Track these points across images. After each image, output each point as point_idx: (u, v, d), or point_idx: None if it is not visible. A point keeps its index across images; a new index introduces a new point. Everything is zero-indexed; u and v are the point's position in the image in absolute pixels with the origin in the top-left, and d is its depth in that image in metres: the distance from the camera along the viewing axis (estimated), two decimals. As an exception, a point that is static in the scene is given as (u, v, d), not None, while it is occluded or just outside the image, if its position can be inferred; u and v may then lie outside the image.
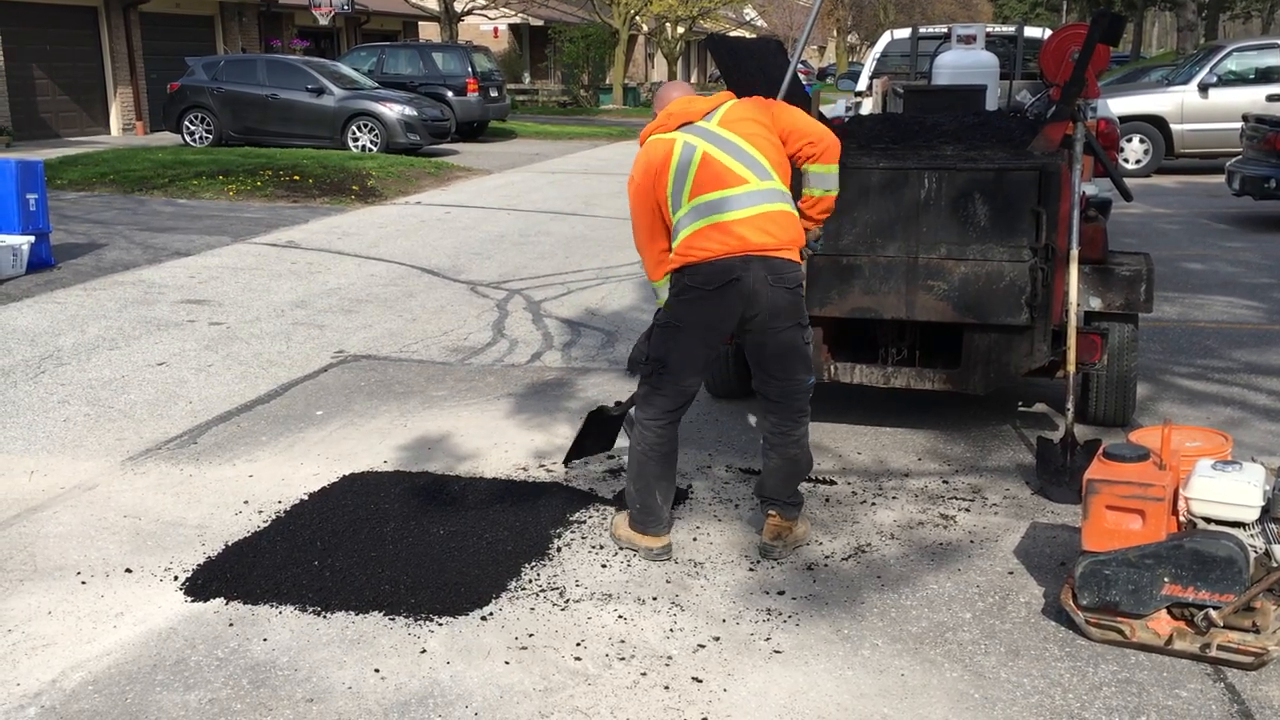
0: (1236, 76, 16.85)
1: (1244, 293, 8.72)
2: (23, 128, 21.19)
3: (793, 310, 3.95)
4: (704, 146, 3.90)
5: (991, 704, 3.19)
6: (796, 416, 4.09)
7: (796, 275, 3.96)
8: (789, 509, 4.17)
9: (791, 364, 4.02)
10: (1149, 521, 3.48)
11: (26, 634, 3.60)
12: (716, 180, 3.86)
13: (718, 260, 3.84)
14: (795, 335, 3.99)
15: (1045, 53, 6.75)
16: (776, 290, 3.88)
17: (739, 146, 3.89)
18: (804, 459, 4.17)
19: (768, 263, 3.85)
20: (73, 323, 7.83)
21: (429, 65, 24.33)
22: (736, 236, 3.83)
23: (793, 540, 4.17)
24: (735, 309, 3.89)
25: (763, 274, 3.84)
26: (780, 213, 3.90)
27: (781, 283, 3.88)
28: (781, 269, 3.88)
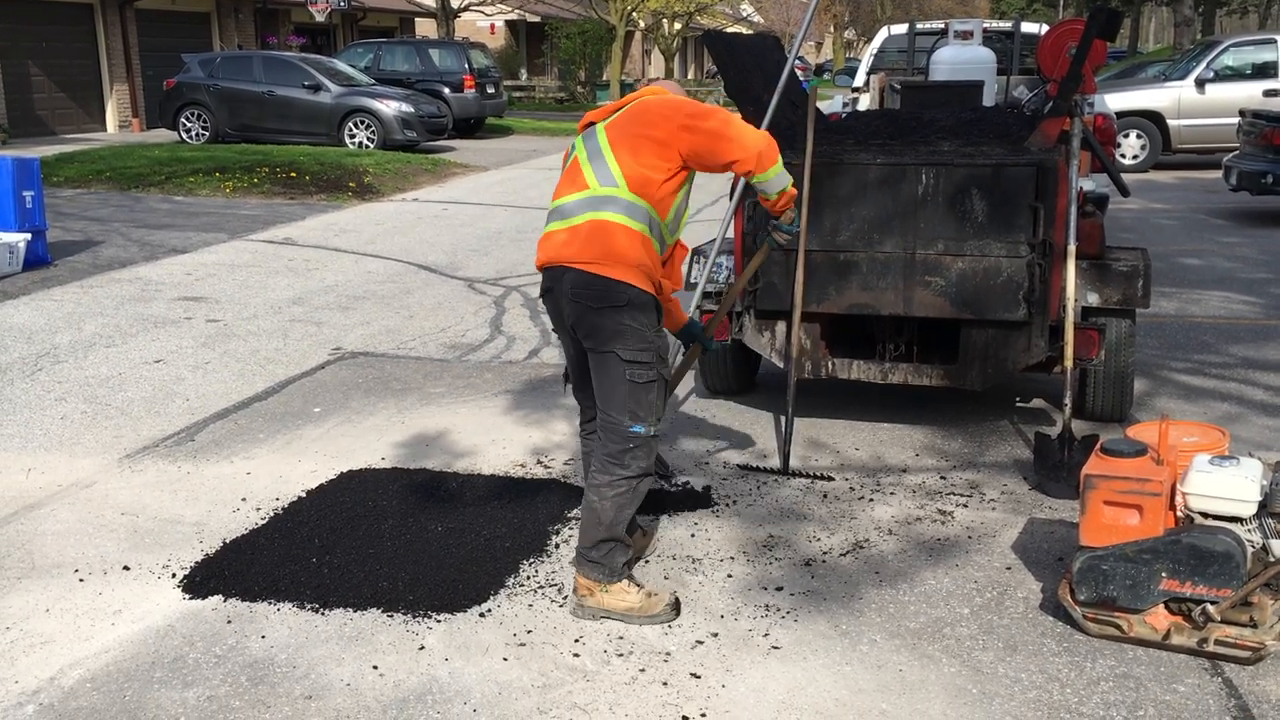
0: (1233, 72, 16.86)
1: (1241, 288, 8.73)
2: (19, 125, 21.16)
3: (606, 334, 3.50)
4: (579, 149, 3.66)
5: (989, 699, 3.20)
6: (607, 462, 3.59)
7: (606, 294, 3.46)
8: (585, 565, 3.63)
9: (607, 396, 3.57)
10: (1146, 517, 3.48)
11: (25, 632, 3.60)
12: (568, 184, 3.62)
13: (543, 268, 3.62)
14: (609, 363, 3.53)
15: (1042, 48, 6.77)
16: (578, 306, 3.51)
17: (601, 150, 3.57)
18: (602, 511, 3.58)
19: (573, 275, 3.50)
20: (69, 320, 7.82)
21: (426, 62, 24.31)
22: (555, 244, 3.57)
23: (595, 606, 3.60)
24: (559, 319, 3.65)
25: (567, 288, 3.51)
26: (602, 223, 3.48)
27: (583, 299, 3.48)
28: (586, 284, 3.47)
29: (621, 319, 3.47)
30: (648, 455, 3.61)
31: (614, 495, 3.59)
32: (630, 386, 3.51)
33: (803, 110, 5.17)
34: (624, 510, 3.61)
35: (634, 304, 3.49)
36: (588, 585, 3.63)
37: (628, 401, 3.53)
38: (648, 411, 3.56)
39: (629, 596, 3.61)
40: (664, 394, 3.67)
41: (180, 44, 24.17)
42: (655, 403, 3.58)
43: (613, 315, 3.47)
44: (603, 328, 3.49)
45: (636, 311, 3.49)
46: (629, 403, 3.53)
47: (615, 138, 3.56)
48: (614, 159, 3.53)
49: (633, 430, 3.54)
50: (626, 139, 3.54)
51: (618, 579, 3.63)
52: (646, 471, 3.64)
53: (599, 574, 3.61)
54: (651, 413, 3.57)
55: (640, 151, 3.52)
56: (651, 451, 3.64)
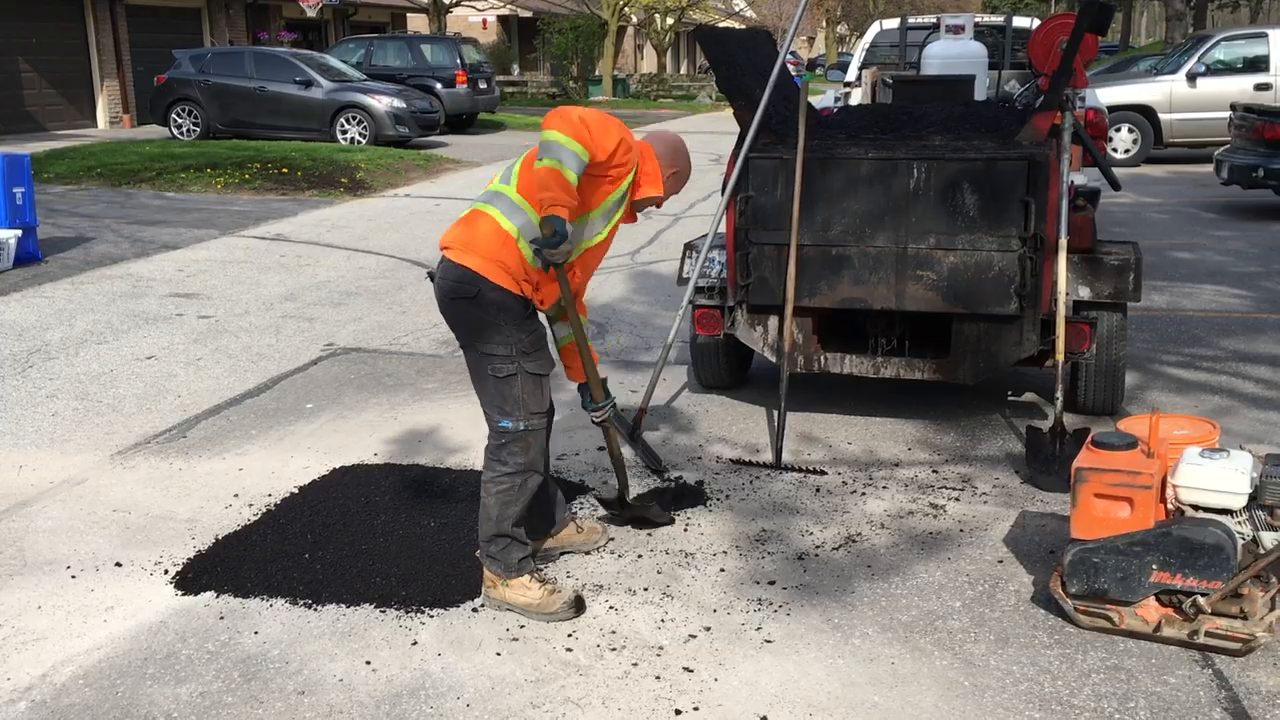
0: (1225, 66, 16.89)
1: (1232, 281, 8.75)
2: (9, 121, 21.08)
3: (460, 329, 3.55)
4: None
5: (981, 692, 3.21)
6: (489, 458, 3.62)
7: (460, 286, 3.45)
8: (485, 560, 3.67)
9: (479, 390, 3.61)
10: (1137, 509, 3.49)
11: (16, 628, 3.59)
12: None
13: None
14: (472, 357, 3.57)
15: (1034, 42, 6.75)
16: (440, 299, 3.54)
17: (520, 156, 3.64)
18: (486, 508, 3.61)
19: (441, 264, 3.54)
20: (60, 317, 7.80)
21: (417, 57, 24.24)
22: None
23: (498, 599, 3.64)
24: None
25: (438, 273, 3.55)
26: (473, 212, 3.57)
27: (443, 290, 3.51)
28: (445, 273, 3.50)
29: (475, 312, 3.46)
30: (525, 450, 3.57)
31: (496, 491, 3.58)
32: (494, 381, 3.52)
33: (795, 105, 5.18)
34: (509, 507, 3.59)
35: (485, 297, 3.44)
36: (490, 578, 3.67)
37: (494, 396, 3.54)
38: (514, 406, 3.53)
39: (529, 592, 3.61)
40: (538, 388, 3.59)
41: (171, 40, 24.09)
42: (521, 397, 3.53)
43: (467, 308, 3.47)
44: (462, 321, 3.51)
45: (490, 306, 3.45)
46: (495, 397, 3.54)
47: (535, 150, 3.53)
48: (518, 163, 3.58)
49: (501, 425, 3.54)
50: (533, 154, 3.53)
51: (516, 574, 3.63)
52: (527, 467, 3.59)
53: (499, 568, 3.64)
54: (519, 407, 3.53)
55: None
56: (529, 446, 3.58)
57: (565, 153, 3.37)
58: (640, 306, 8.17)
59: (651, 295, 8.48)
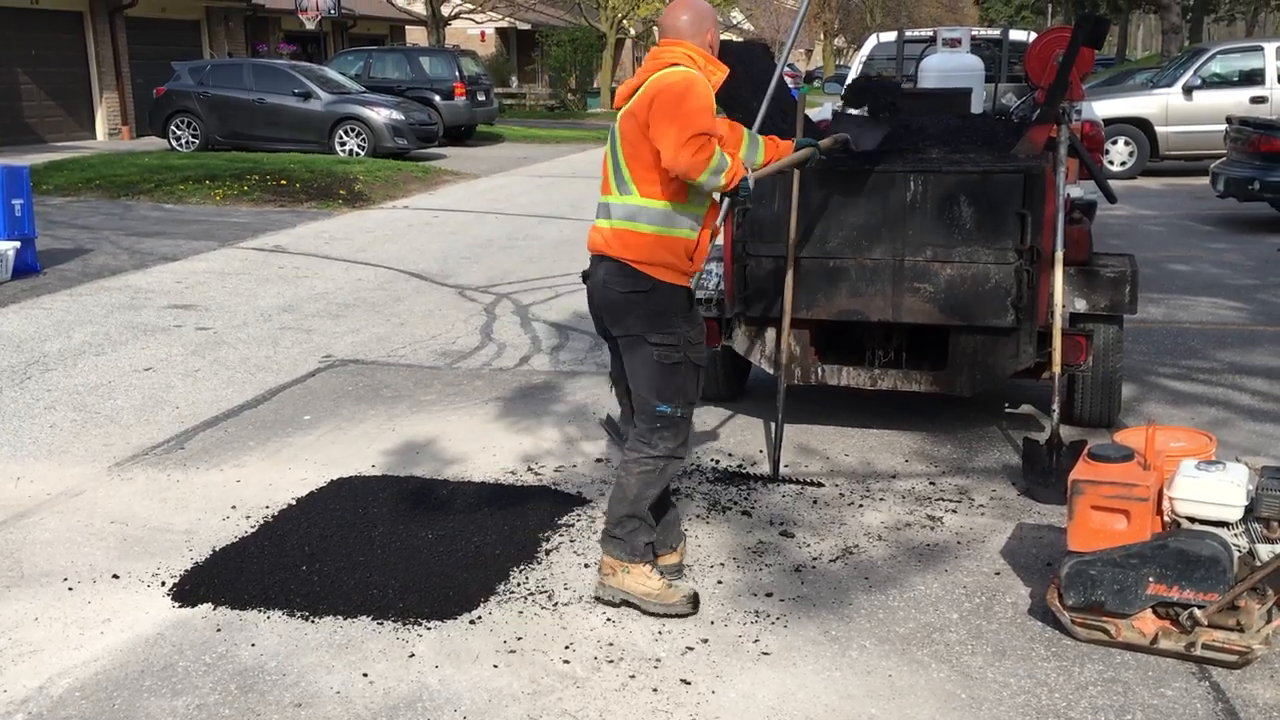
0: (1220, 79, 16.95)
1: (1228, 294, 8.77)
2: (8, 133, 21.09)
3: (628, 322, 3.68)
4: (608, 145, 3.77)
5: (978, 704, 3.21)
6: (636, 439, 3.77)
7: (632, 282, 3.64)
8: (609, 541, 3.79)
9: (637, 380, 3.75)
10: (1134, 521, 3.50)
11: (13, 640, 3.59)
12: (603, 184, 3.78)
13: (591, 253, 3.80)
14: (637, 348, 3.71)
15: (1030, 56, 6.78)
16: (609, 292, 3.69)
17: (616, 150, 3.70)
18: (627, 487, 3.74)
19: (605, 264, 3.69)
20: (59, 328, 7.80)
21: (416, 69, 24.30)
22: (594, 237, 3.75)
23: (615, 587, 3.75)
24: (593, 309, 3.82)
25: (600, 274, 3.71)
26: (625, 231, 3.65)
27: (613, 286, 3.67)
28: (616, 271, 3.66)
29: (635, 303, 3.65)
30: (674, 436, 3.73)
31: (640, 472, 3.72)
32: (659, 367, 3.67)
33: (792, 118, 5.19)
34: (649, 488, 3.73)
35: (659, 291, 3.65)
36: (611, 564, 3.76)
37: (655, 381, 3.69)
38: (675, 393, 3.70)
39: (649, 581, 3.72)
40: (697, 379, 3.80)
41: (170, 52, 24.11)
42: (683, 385, 3.71)
43: (634, 301, 3.64)
44: (632, 314, 3.66)
45: (661, 298, 3.65)
46: (656, 382, 3.69)
47: (625, 133, 3.65)
48: (625, 161, 3.65)
49: (660, 409, 3.69)
50: (625, 138, 3.64)
51: (640, 560, 3.74)
52: (672, 454, 3.75)
53: (622, 552, 3.73)
54: (679, 394, 3.71)
55: (636, 146, 3.60)
56: (679, 433, 3.75)
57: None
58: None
59: (649, 307, 8.47)
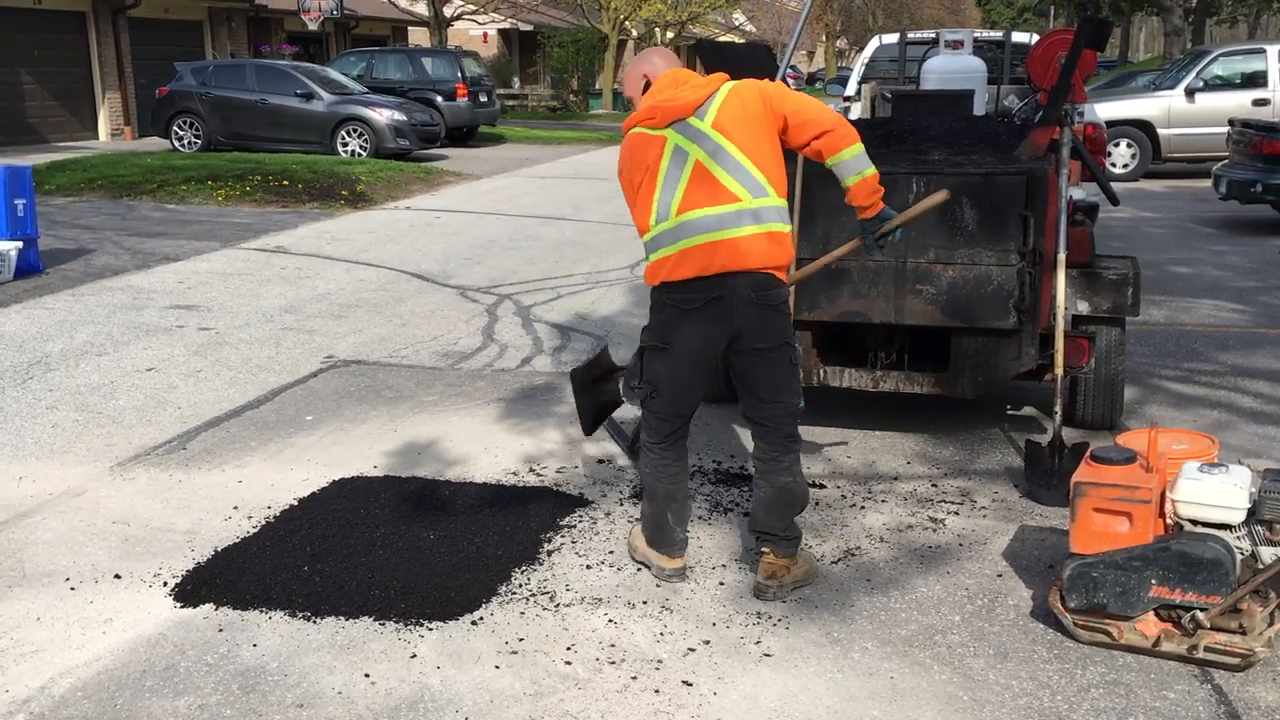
0: (1223, 81, 16.94)
1: (1230, 296, 8.76)
2: (11, 133, 21.11)
3: (779, 331, 3.76)
4: (696, 154, 3.66)
5: (980, 706, 3.20)
6: (786, 442, 3.86)
7: (781, 293, 3.76)
8: (784, 544, 3.86)
9: (779, 387, 3.81)
10: (1136, 524, 3.49)
11: (15, 640, 3.59)
12: (709, 196, 3.65)
13: (702, 278, 3.66)
14: (782, 356, 3.79)
15: (1032, 58, 6.78)
16: (761, 309, 3.69)
17: (733, 157, 3.65)
18: (798, 488, 3.88)
19: (752, 278, 3.66)
20: (61, 328, 7.81)
21: (418, 70, 24.31)
22: (723, 253, 3.63)
23: (790, 580, 3.86)
24: (720, 328, 3.71)
25: (747, 292, 3.66)
26: (770, 234, 3.68)
27: (765, 300, 3.69)
28: (765, 285, 3.69)
29: (784, 313, 3.80)
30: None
31: (800, 469, 3.91)
32: (794, 370, 3.85)
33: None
34: (803, 476, 3.97)
35: (786, 298, 3.84)
36: (784, 563, 3.86)
37: (793, 384, 3.87)
38: (800, 387, 3.95)
39: (801, 563, 3.93)
40: None
41: (173, 52, 24.13)
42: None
43: (783, 311, 3.79)
44: (781, 326, 3.77)
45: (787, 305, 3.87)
46: (796, 383, 3.89)
47: (742, 138, 3.66)
48: (753, 166, 3.67)
49: (799, 405, 3.90)
50: (745, 143, 3.67)
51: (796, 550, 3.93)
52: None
53: (793, 549, 3.89)
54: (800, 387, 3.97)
55: (761, 149, 3.68)
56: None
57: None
58: (639, 319, 8.17)
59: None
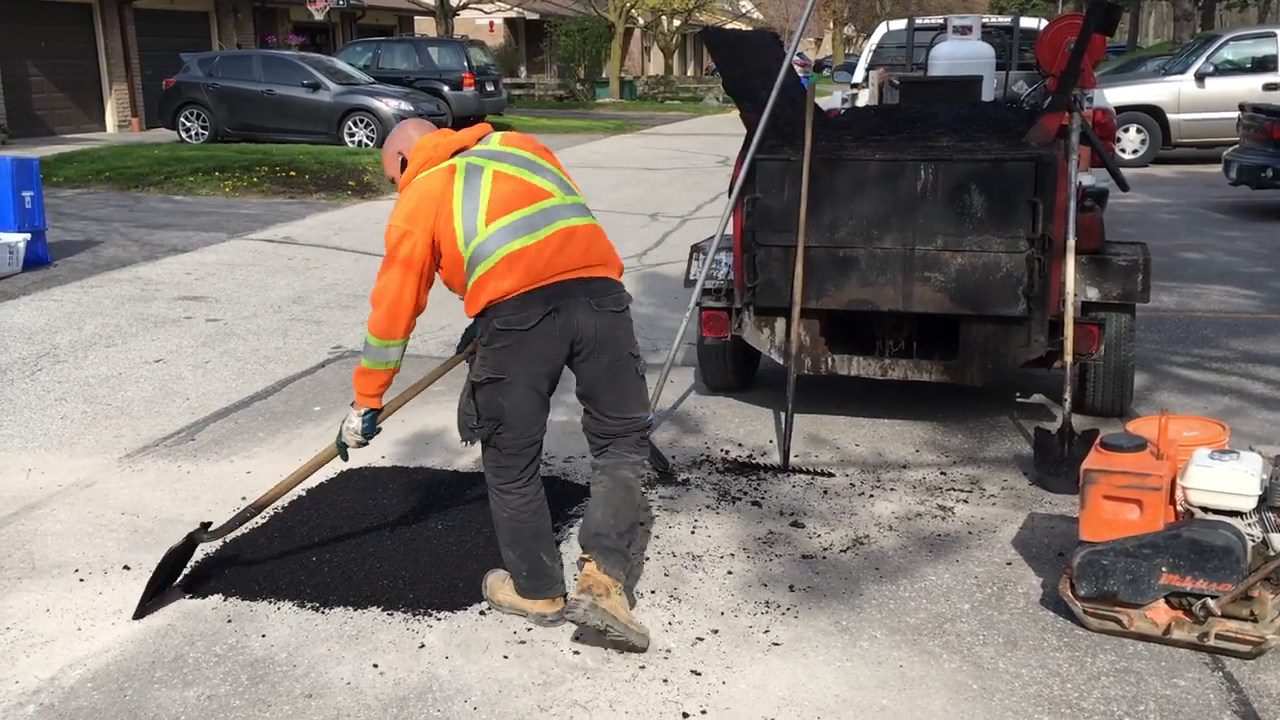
0: (1233, 66, 16.84)
1: (1241, 282, 8.72)
2: (18, 125, 21.15)
3: (622, 340, 3.46)
4: (491, 165, 3.39)
5: (990, 694, 3.19)
6: (632, 452, 3.56)
7: (622, 297, 3.48)
8: (612, 557, 3.38)
9: (625, 401, 3.51)
10: (1146, 511, 3.48)
11: (25, 631, 3.60)
12: (517, 196, 3.35)
13: (530, 292, 3.31)
14: (627, 367, 3.49)
15: (1041, 43, 6.76)
16: (601, 315, 3.38)
17: (531, 159, 3.45)
18: (637, 490, 3.56)
19: (588, 284, 3.37)
20: (69, 320, 7.82)
21: (425, 60, 24.28)
22: (545, 261, 3.31)
23: (607, 610, 3.26)
24: (559, 342, 3.37)
25: (583, 299, 3.35)
26: (590, 228, 3.45)
27: (604, 306, 3.39)
28: (604, 290, 3.41)
29: (626, 319, 3.52)
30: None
31: (641, 475, 3.66)
32: (641, 382, 3.58)
33: (801, 106, 5.17)
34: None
35: (627, 303, 3.55)
36: (606, 584, 3.33)
37: (643, 393, 3.60)
38: (648, 399, 3.67)
39: (628, 608, 3.42)
40: None
41: (179, 43, 24.14)
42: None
43: (626, 317, 3.51)
44: (625, 332, 3.50)
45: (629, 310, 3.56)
46: (643, 393, 3.61)
47: (534, 150, 3.53)
48: (554, 165, 3.52)
49: (650, 418, 3.65)
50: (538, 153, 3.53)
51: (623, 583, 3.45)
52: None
53: (620, 570, 3.40)
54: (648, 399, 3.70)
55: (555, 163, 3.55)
56: None
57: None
58: (647, 308, 8.17)
59: (659, 297, 8.47)
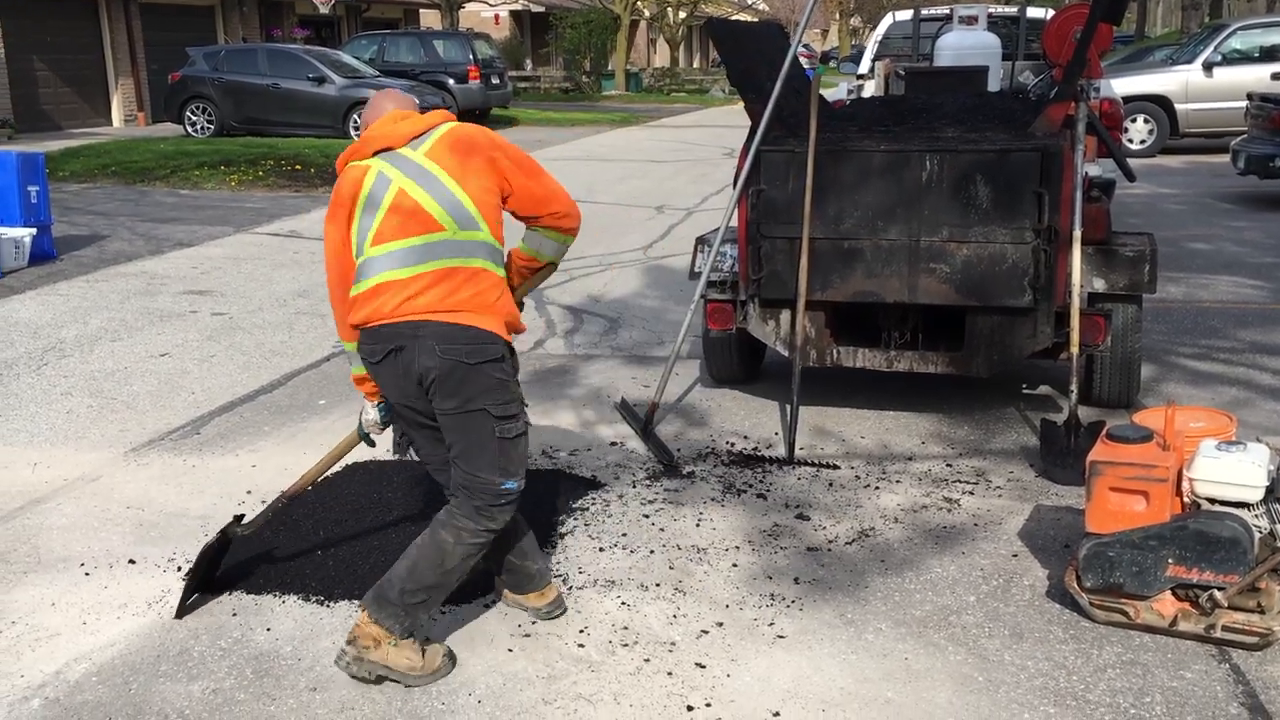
0: (1241, 55, 16.76)
1: (1249, 272, 8.68)
2: (25, 120, 21.17)
3: (470, 392, 3.13)
4: (400, 181, 3.18)
5: (995, 687, 3.19)
6: (475, 512, 3.21)
7: (482, 350, 3.13)
8: (386, 610, 3.18)
9: (472, 459, 3.19)
10: (1152, 503, 3.46)
11: (30, 626, 3.60)
12: (405, 226, 3.15)
13: (385, 325, 3.15)
14: (475, 423, 3.16)
15: (1048, 33, 6.72)
16: (446, 362, 3.10)
17: (441, 183, 3.17)
18: (450, 556, 3.20)
19: (439, 328, 3.11)
20: (75, 314, 7.83)
21: (430, 53, 24.27)
22: (405, 298, 3.12)
23: (376, 662, 3.17)
24: (408, 383, 3.18)
25: (430, 343, 3.10)
26: (472, 270, 3.16)
27: (454, 354, 3.10)
28: (455, 336, 3.11)
29: (486, 373, 3.15)
30: (512, 510, 3.29)
31: (470, 542, 3.22)
32: (501, 443, 3.19)
33: (806, 97, 5.15)
34: (469, 560, 3.26)
35: (506, 357, 3.22)
36: (376, 636, 3.18)
37: (497, 459, 3.19)
38: (518, 465, 3.25)
39: (412, 654, 3.22)
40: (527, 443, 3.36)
41: (185, 37, 24.14)
42: (524, 455, 3.29)
43: (484, 371, 3.14)
44: (479, 385, 3.14)
45: (504, 363, 3.21)
46: (499, 460, 3.19)
47: (457, 169, 3.19)
48: (465, 196, 3.17)
49: (506, 486, 3.21)
50: (459, 173, 3.19)
51: (410, 635, 3.23)
52: (503, 526, 3.30)
53: (398, 624, 3.18)
54: (521, 466, 3.27)
55: (478, 186, 3.20)
56: (516, 506, 3.31)
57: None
58: (653, 301, 8.16)
59: (664, 290, 8.46)
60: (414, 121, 3.29)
